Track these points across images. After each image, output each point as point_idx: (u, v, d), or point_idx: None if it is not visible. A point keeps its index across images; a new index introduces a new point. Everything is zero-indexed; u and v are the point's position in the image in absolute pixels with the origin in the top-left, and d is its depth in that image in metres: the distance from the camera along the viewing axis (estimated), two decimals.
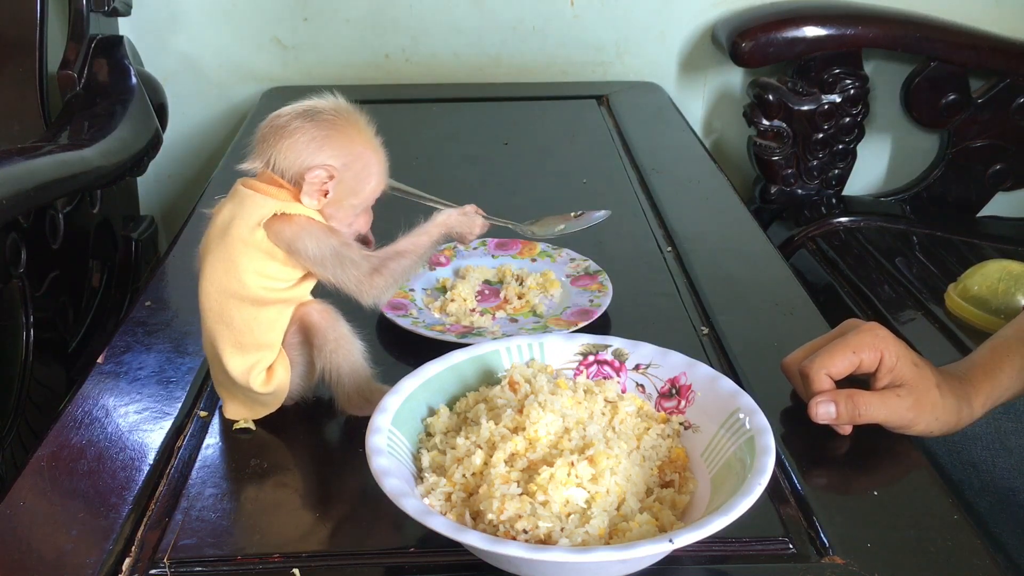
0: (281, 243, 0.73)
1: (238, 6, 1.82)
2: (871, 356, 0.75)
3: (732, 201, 1.29)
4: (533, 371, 0.75)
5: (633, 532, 0.61)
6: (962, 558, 0.64)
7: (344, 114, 0.75)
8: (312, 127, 0.74)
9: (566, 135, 1.58)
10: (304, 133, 0.73)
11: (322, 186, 0.74)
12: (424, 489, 0.65)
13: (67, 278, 1.42)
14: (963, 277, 1.37)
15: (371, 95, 0.81)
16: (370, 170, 0.76)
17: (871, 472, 0.74)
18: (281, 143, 0.73)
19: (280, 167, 0.74)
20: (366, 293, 0.77)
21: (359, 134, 0.76)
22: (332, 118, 0.75)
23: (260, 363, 0.75)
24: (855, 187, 1.92)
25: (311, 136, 0.73)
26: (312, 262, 0.74)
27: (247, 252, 0.73)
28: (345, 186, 0.75)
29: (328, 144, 0.74)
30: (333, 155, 0.74)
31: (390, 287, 0.78)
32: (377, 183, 0.77)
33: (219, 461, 0.75)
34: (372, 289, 0.77)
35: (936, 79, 1.76)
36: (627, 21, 1.87)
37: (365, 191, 0.77)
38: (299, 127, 0.73)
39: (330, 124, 0.74)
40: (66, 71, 1.57)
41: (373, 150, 0.77)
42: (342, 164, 0.74)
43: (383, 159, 0.78)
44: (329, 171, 0.74)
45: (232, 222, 0.74)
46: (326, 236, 0.74)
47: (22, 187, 1.18)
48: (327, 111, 0.75)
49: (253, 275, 0.73)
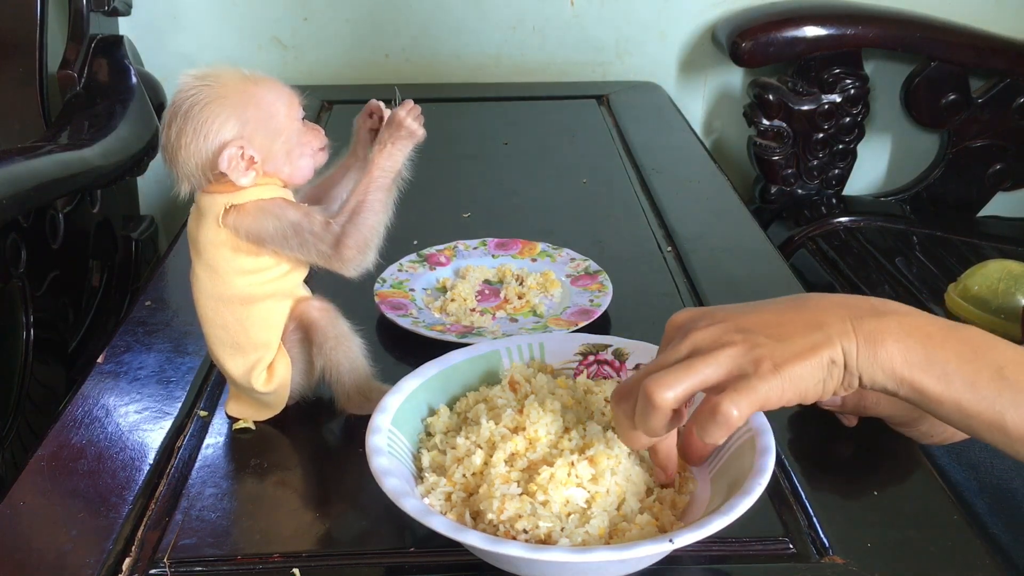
0: (242, 234, 0.72)
1: (238, 6, 1.83)
2: None
3: (732, 201, 1.29)
4: (533, 371, 0.75)
5: (633, 532, 0.61)
6: (962, 558, 0.64)
7: (196, 85, 0.70)
8: (182, 122, 0.69)
9: (566, 135, 1.58)
10: (183, 134, 0.69)
11: (241, 162, 0.70)
12: (424, 489, 0.66)
13: (67, 278, 1.42)
14: (963, 277, 1.37)
15: (371, 95, 0.80)
16: (265, 102, 0.72)
17: (871, 472, 0.74)
18: (178, 157, 0.70)
19: (200, 175, 0.71)
20: (341, 267, 0.73)
21: (224, 86, 0.71)
22: (189, 100, 0.69)
23: (260, 363, 0.75)
24: (855, 187, 1.92)
25: (190, 131, 0.69)
26: (274, 241, 0.72)
27: (219, 253, 0.73)
28: (261, 138, 0.71)
29: (207, 124, 0.69)
30: (221, 129, 0.69)
31: (364, 253, 0.73)
32: (285, 105, 0.73)
33: (219, 461, 0.75)
34: (345, 263, 0.73)
35: (936, 79, 1.76)
36: (627, 21, 1.87)
37: (282, 122, 0.72)
38: (177, 131, 0.70)
39: (193, 105, 0.69)
40: (66, 71, 1.57)
41: (251, 84, 0.72)
42: (237, 127, 0.70)
43: (267, 80, 0.73)
44: (232, 144, 0.69)
45: (198, 230, 0.73)
46: (283, 211, 0.72)
47: (22, 187, 1.18)
48: (181, 99, 0.70)
49: (234, 275, 0.73)
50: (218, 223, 0.71)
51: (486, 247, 1.08)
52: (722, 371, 0.58)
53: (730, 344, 0.58)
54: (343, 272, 0.74)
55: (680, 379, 0.57)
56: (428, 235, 1.10)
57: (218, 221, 0.71)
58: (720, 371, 0.58)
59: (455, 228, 1.15)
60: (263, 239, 0.72)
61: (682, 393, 0.57)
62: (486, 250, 1.08)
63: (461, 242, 1.08)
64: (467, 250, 1.08)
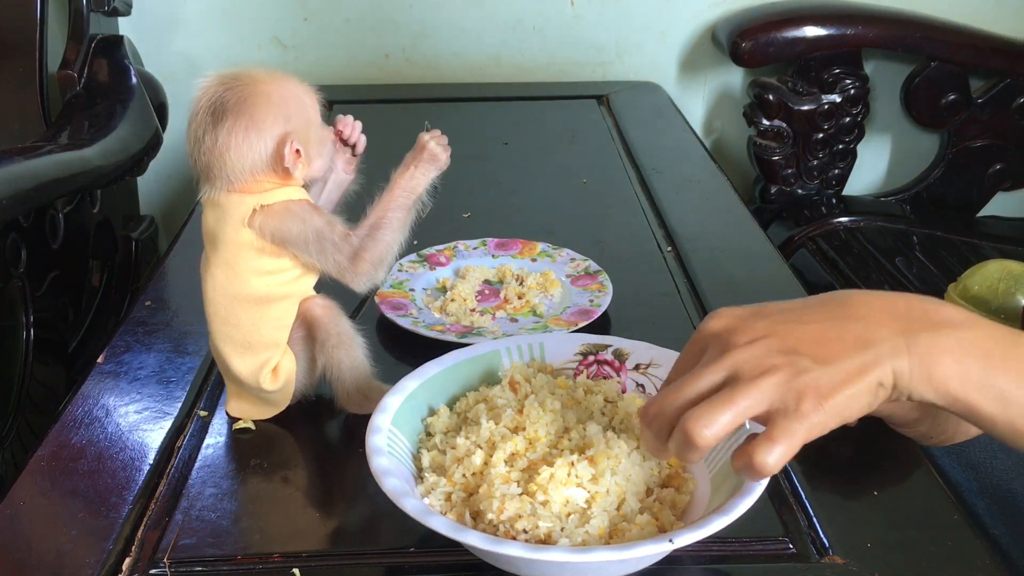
0: (267, 235, 0.72)
1: (238, 6, 1.83)
2: None
3: (732, 201, 1.29)
4: (533, 371, 0.75)
5: (633, 532, 0.61)
6: (962, 558, 0.64)
7: (230, 84, 0.72)
8: (232, 121, 0.70)
9: (566, 135, 1.58)
10: (234, 132, 0.70)
11: (296, 152, 0.72)
12: (424, 489, 0.65)
13: (67, 278, 1.42)
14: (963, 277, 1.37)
15: (371, 95, 0.81)
16: (298, 97, 0.74)
17: (871, 472, 0.74)
18: (226, 157, 0.71)
19: (248, 173, 0.71)
20: (353, 281, 0.75)
21: (260, 83, 0.72)
22: (233, 98, 0.71)
23: (269, 362, 0.76)
24: (855, 187, 1.92)
25: (242, 128, 0.70)
26: (296, 245, 0.72)
27: (240, 253, 0.73)
28: (303, 130, 0.73)
29: (261, 120, 0.71)
30: (275, 124, 0.71)
31: (378, 269, 0.75)
32: (310, 97, 0.75)
33: (219, 461, 0.75)
34: (359, 276, 0.74)
35: (936, 79, 1.76)
36: (627, 21, 1.88)
37: (312, 115, 0.75)
38: (227, 130, 0.70)
39: (239, 102, 0.71)
40: (66, 71, 1.57)
41: (281, 81, 0.73)
42: (285, 121, 0.72)
43: (290, 78, 0.74)
44: (288, 138, 0.71)
45: (218, 227, 0.73)
46: (309, 216, 0.73)
47: (22, 187, 1.18)
48: (218, 99, 0.71)
49: (253, 274, 0.73)
50: (244, 223, 0.72)
51: (486, 247, 1.08)
52: (764, 404, 0.55)
53: (773, 371, 0.55)
54: (353, 285, 0.75)
55: (720, 416, 0.55)
56: (428, 235, 1.09)
57: (244, 221, 0.72)
58: (762, 404, 0.55)
59: (455, 228, 1.15)
60: (286, 241, 0.73)
61: (722, 432, 0.55)
62: (486, 250, 1.08)
63: (461, 242, 1.08)
64: (467, 250, 1.08)
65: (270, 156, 0.71)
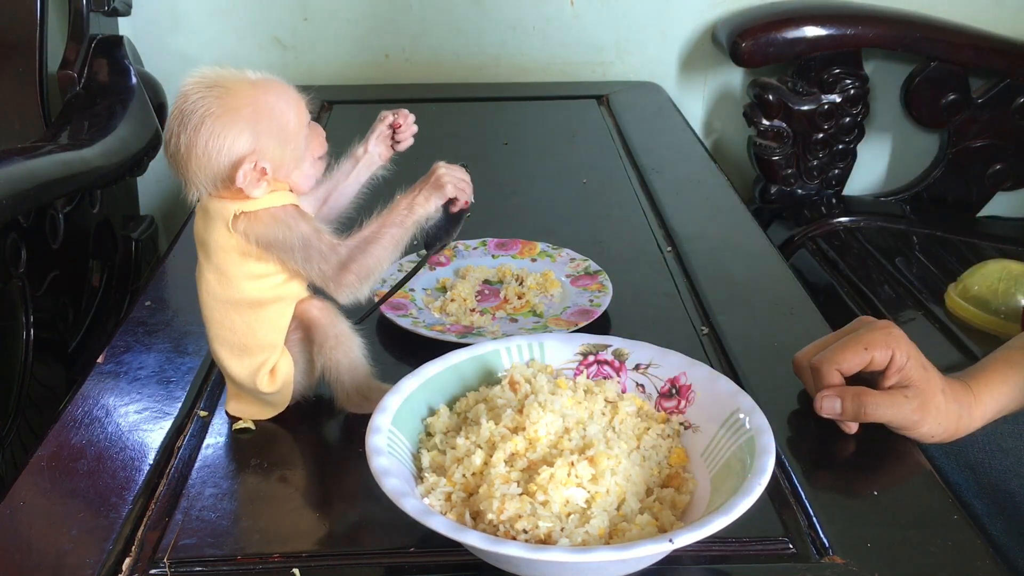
0: (252, 240, 0.71)
1: (238, 6, 1.83)
2: (882, 354, 0.75)
3: (732, 201, 1.29)
4: (533, 371, 0.75)
5: (633, 532, 0.61)
6: (962, 558, 0.64)
7: (205, 94, 0.69)
8: (193, 135, 0.68)
9: (566, 135, 1.58)
10: (193, 147, 0.68)
11: (254, 174, 0.69)
12: (424, 489, 0.65)
13: (67, 278, 1.42)
14: (963, 277, 1.37)
15: (371, 95, 0.81)
16: (277, 111, 0.70)
17: (871, 472, 0.74)
18: (188, 167, 0.69)
19: (210, 185, 0.70)
20: (336, 291, 0.73)
21: (234, 95, 0.69)
22: (200, 111, 0.68)
23: (265, 364, 0.76)
24: (855, 187, 1.92)
25: (201, 144, 0.68)
26: (281, 251, 0.71)
27: (229, 258, 0.73)
28: (272, 148, 0.70)
29: (219, 139, 0.68)
30: (234, 143, 0.68)
31: (363, 283, 0.73)
32: (295, 112, 0.71)
33: (219, 461, 0.75)
34: (342, 288, 0.73)
35: (936, 79, 1.76)
36: (627, 21, 1.87)
37: (292, 130, 0.71)
38: (187, 143, 0.68)
39: (204, 118, 0.68)
40: (66, 71, 1.57)
41: (261, 91, 0.70)
42: (250, 141, 0.69)
43: (276, 85, 0.71)
44: (247, 159, 0.68)
45: (206, 233, 0.73)
46: (296, 222, 0.72)
47: (22, 187, 1.18)
48: (189, 108, 0.68)
49: (243, 279, 0.73)
50: (228, 228, 0.71)
51: (486, 247, 1.08)
52: None
53: None
54: (336, 296, 0.74)
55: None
56: None
57: (228, 226, 0.71)
58: None
59: None
60: (271, 246, 0.72)
61: None
62: (486, 250, 1.08)
63: (461, 242, 1.08)
64: (467, 250, 1.08)
65: (225, 174, 0.70)
